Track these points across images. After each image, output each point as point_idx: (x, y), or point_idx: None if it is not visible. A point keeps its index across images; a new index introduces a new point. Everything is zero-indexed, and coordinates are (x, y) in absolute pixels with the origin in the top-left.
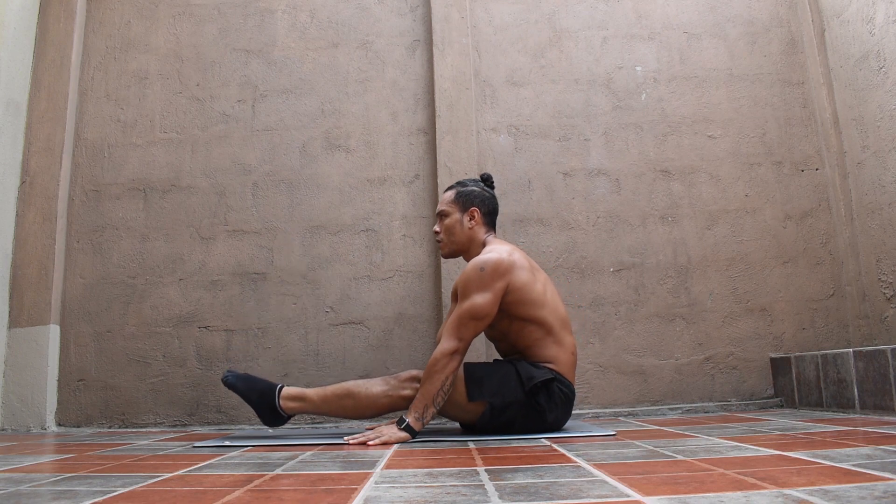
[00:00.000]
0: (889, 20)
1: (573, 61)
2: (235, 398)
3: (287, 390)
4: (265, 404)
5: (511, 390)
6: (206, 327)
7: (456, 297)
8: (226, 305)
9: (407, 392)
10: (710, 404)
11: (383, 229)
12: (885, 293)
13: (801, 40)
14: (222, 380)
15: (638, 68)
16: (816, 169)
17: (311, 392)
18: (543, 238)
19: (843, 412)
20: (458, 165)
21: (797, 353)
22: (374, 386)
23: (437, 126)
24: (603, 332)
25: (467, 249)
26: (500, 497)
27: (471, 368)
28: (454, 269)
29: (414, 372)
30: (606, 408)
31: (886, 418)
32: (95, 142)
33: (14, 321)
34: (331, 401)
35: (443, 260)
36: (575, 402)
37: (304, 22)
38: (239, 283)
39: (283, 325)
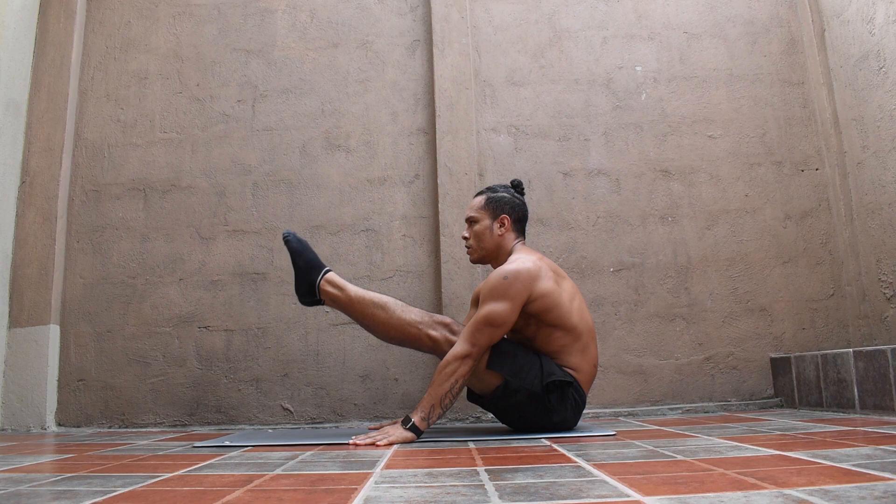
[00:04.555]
0: (889, 20)
1: (573, 61)
2: (235, 398)
3: (332, 275)
4: (307, 277)
5: (530, 377)
6: (206, 327)
7: (477, 303)
8: (226, 305)
9: (435, 333)
10: (710, 404)
11: (383, 229)
12: (885, 293)
13: (801, 40)
14: (284, 234)
15: (638, 68)
16: (816, 169)
17: (351, 287)
18: (543, 238)
19: (843, 412)
20: (458, 165)
21: (797, 353)
22: (410, 312)
23: (437, 126)
24: (603, 332)
25: (496, 257)
26: (500, 497)
27: (502, 342)
28: (454, 270)
29: (449, 319)
30: (606, 408)
31: (886, 418)
32: (95, 142)
33: (14, 321)
34: (365, 303)
35: (443, 260)
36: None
37: (304, 22)
38: (239, 283)
39: (283, 325)
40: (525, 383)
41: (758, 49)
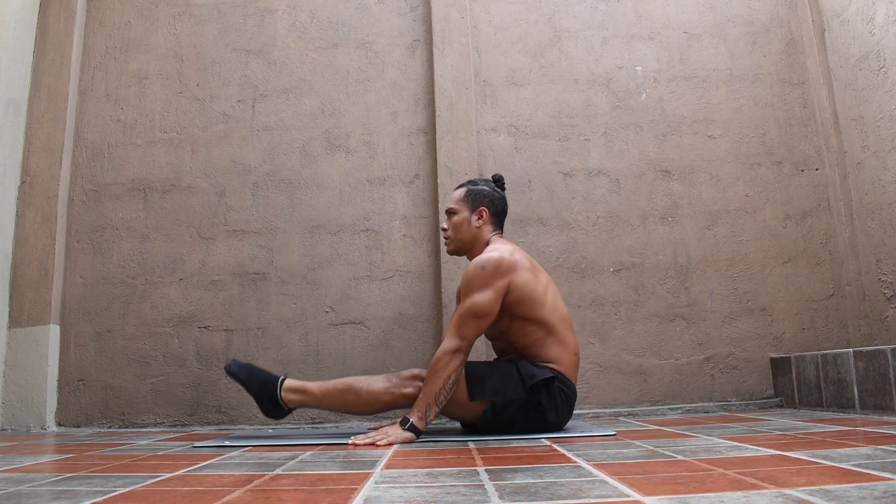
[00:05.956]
0: (889, 20)
1: (573, 61)
2: (235, 398)
3: (289, 382)
4: (266, 395)
5: (512, 389)
6: (206, 327)
7: (460, 298)
8: (226, 305)
9: (408, 390)
10: (710, 404)
11: (383, 229)
12: (885, 293)
13: (801, 40)
14: (225, 368)
15: (638, 68)
16: (816, 169)
17: (312, 385)
18: (543, 238)
19: (843, 412)
20: (458, 165)
21: (797, 353)
22: (376, 382)
23: (437, 126)
24: (603, 332)
25: (472, 248)
26: (500, 497)
27: (472, 367)
28: (454, 270)
29: (416, 371)
30: (606, 408)
31: (886, 418)
32: (95, 142)
33: (14, 321)
34: (332, 395)
35: (443, 260)
36: (575, 403)
37: (304, 22)
38: (239, 283)
39: (283, 325)
40: (510, 396)
41: (758, 49)
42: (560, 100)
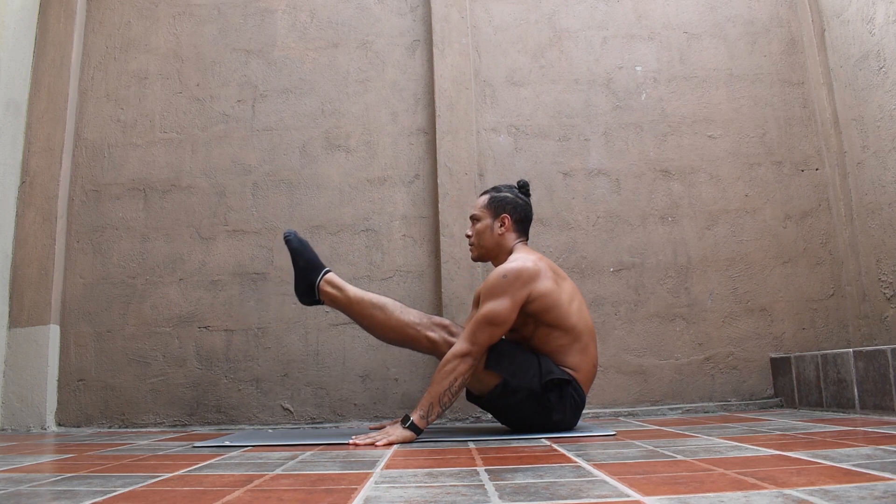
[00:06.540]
0: (889, 20)
1: (573, 61)
2: (235, 398)
3: (331, 276)
4: (307, 278)
5: (528, 376)
6: (206, 327)
7: (478, 303)
8: (226, 305)
9: (433, 334)
10: (710, 404)
11: (383, 229)
12: (885, 293)
13: (801, 40)
14: (284, 234)
15: (638, 68)
16: (816, 169)
17: (350, 288)
18: (543, 238)
19: (843, 412)
20: (458, 165)
21: (797, 353)
22: (409, 314)
23: (437, 126)
24: (603, 332)
25: (496, 255)
26: (500, 497)
27: (500, 343)
28: (454, 270)
29: (447, 321)
30: (606, 408)
31: (886, 418)
32: (95, 142)
33: (14, 321)
34: (363, 304)
35: (443, 260)
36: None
37: (304, 22)
38: (239, 283)
39: (283, 325)
40: (524, 382)
41: (758, 49)
42: (560, 100)
